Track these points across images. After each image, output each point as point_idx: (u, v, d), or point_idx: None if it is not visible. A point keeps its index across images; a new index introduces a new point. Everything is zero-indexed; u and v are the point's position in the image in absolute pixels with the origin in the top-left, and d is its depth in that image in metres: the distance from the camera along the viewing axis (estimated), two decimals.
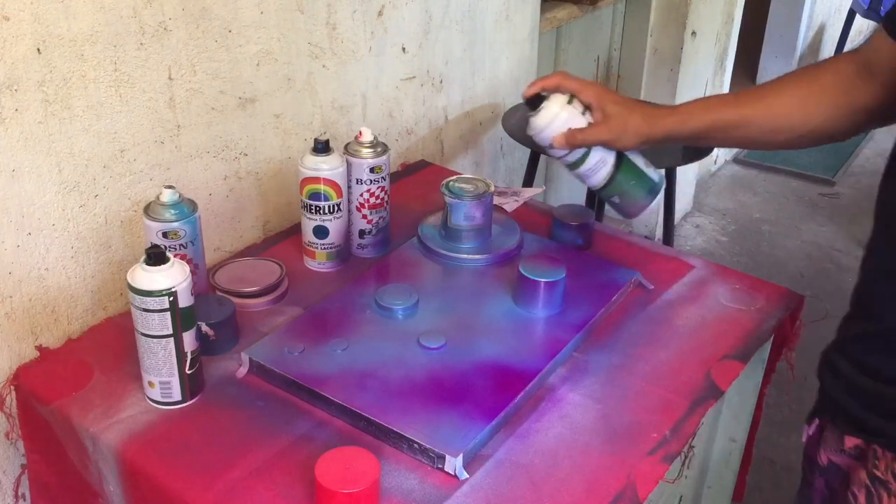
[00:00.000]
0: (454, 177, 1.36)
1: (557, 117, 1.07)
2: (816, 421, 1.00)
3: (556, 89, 1.10)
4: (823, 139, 1.03)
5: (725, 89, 3.46)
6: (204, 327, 1.08)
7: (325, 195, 1.26)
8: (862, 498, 0.90)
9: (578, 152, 1.09)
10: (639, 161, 1.13)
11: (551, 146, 1.09)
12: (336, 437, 0.99)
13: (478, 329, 1.17)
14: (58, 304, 1.17)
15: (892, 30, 0.90)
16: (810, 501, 1.01)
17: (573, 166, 1.11)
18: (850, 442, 0.93)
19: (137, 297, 0.96)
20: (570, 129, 1.08)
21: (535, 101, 1.09)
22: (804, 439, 1.02)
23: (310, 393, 1.04)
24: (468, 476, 0.94)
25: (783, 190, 3.74)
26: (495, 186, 1.39)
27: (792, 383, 2.43)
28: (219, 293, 1.21)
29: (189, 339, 1.01)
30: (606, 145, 1.09)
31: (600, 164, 1.10)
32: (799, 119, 1.02)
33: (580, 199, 2.29)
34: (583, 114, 1.08)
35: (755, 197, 3.66)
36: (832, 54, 4.88)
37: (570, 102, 1.08)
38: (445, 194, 1.31)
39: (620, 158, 1.11)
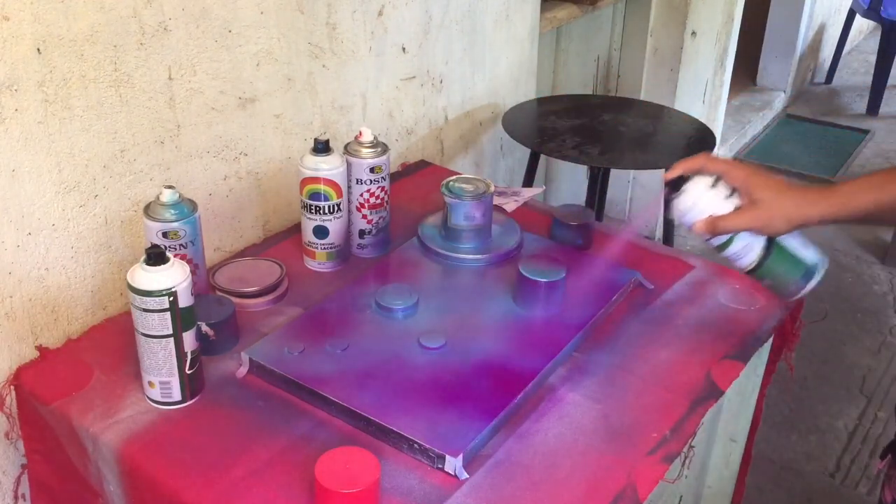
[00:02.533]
0: (454, 177, 1.36)
1: (699, 201, 1.01)
2: (889, 457, 1.00)
3: (700, 171, 1.02)
4: None
5: (725, 89, 3.46)
6: (204, 327, 1.08)
7: (325, 195, 1.26)
8: None
9: (723, 237, 1.02)
10: (792, 243, 1.03)
11: (693, 230, 1.03)
12: (336, 437, 0.99)
13: (478, 329, 1.17)
14: (58, 304, 1.17)
15: None
16: None
17: (719, 249, 1.04)
18: None
19: (137, 297, 0.96)
20: (712, 215, 1.00)
21: (677, 183, 1.03)
22: (874, 472, 0.99)
23: (310, 393, 1.04)
24: (468, 476, 0.94)
25: None
26: (495, 186, 1.39)
27: (792, 383, 2.44)
28: (219, 293, 1.21)
29: (189, 339, 1.01)
30: (753, 232, 1.01)
31: (747, 249, 1.02)
32: None
33: (580, 199, 2.29)
34: (727, 198, 1.00)
35: None
36: (832, 54, 4.91)
37: (714, 186, 1.01)
38: (445, 194, 1.31)
39: (771, 241, 1.02)
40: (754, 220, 0.98)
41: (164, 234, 1.12)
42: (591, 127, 2.02)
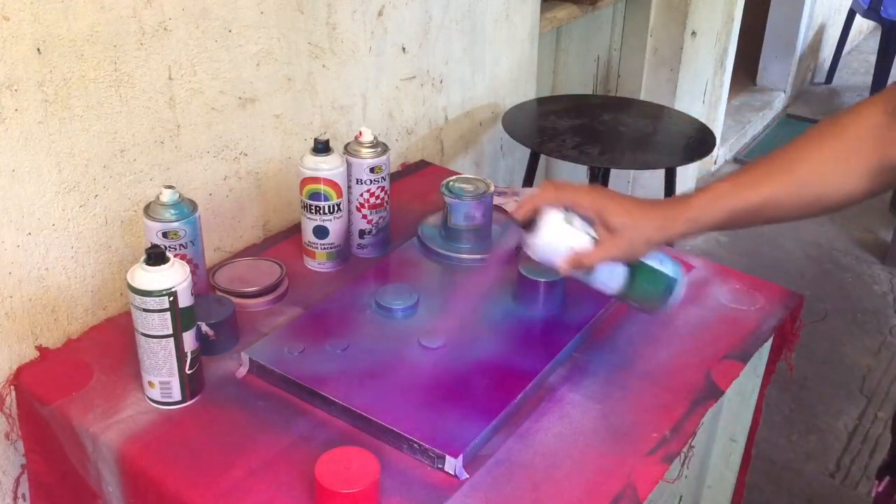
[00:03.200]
0: (454, 177, 1.36)
1: (556, 238, 0.97)
2: (887, 478, 1.03)
3: (551, 203, 0.97)
4: (857, 201, 0.92)
5: (725, 89, 3.46)
6: (204, 327, 1.08)
7: (325, 195, 1.26)
8: None
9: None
10: (652, 260, 1.01)
11: (557, 270, 0.99)
12: (336, 437, 0.99)
13: (478, 329, 1.17)
14: (58, 304, 1.17)
15: None
16: None
17: (583, 279, 1.02)
18: None
19: (137, 297, 0.96)
20: (573, 251, 0.96)
21: (530, 221, 0.98)
22: (873, 494, 1.04)
23: (310, 393, 1.04)
24: (468, 476, 0.94)
25: None
26: (495, 186, 1.39)
27: (792, 383, 2.44)
28: (219, 293, 1.21)
29: (189, 339, 1.01)
30: (617, 261, 0.99)
31: (611, 275, 1.00)
32: (830, 188, 0.91)
33: None
34: (583, 230, 0.97)
35: None
36: (832, 54, 4.90)
37: (567, 219, 0.97)
38: (445, 194, 1.31)
39: (631, 263, 1.01)
40: (617, 250, 0.96)
41: (164, 234, 1.12)
42: (591, 127, 2.02)
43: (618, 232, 0.95)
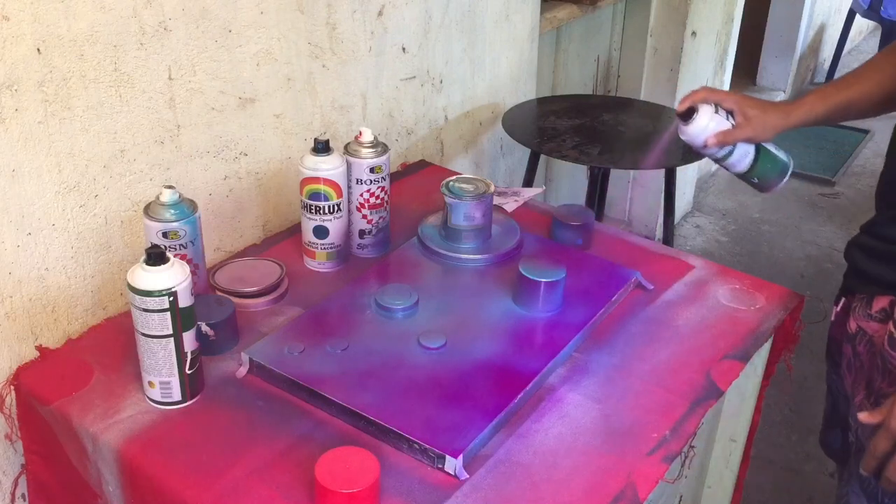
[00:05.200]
0: (454, 177, 1.36)
1: (709, 124, 1.29)
2: (843, 299, 1.26)
3: (704, 101, 1.30)
4: None
5: (725, 89, 3.46)
6: (204, 327, 1.08)
7: (325, 195, 1.26)
8: (886, 342, 1.09)
9: (727, 149, 1.31)
10: (772, 148, 1.35)
11: (705, 146, 1.31)
12: (336, 437, 0.99)
13: (478, 329, 1.17)
14: (58, 304, 1.17)
15: None
16: (839, 369, 1.23)
17: (721, 159, 1.33)
18: (879, 304, 1.13)
19: (137, 297, 0.96)
20: (720, 131, 1.29)
21: (685, 114, 1.31)
22: (832, 318, 1.29)
23: (310, 393, 1.04)
24: (468, 476, 0.94)
25: (783, 190, 3.72)
26: (495, 186, 1.39)
27: (792, 383, 2.44)
28: (219, 293, 1.21)
29: (189, 339, 1.01)
30: (750, 141, 1.31)
31: (744, 155, 1.32)
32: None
33: (580, 199, 2.29)
34: (727, 119, 1.30)
35: (755, 197, 3.65)
36: (832, 54, 4.91)
37: (716, 112, 1.30)
38: (445, 194, 1.31)
39: (758, 148, 1.33)
40: (751, 131, 1.29)
41: (164, 234, 1.12)
42: (591, 127, 2.02)
43: (752, 119, 1.29)
